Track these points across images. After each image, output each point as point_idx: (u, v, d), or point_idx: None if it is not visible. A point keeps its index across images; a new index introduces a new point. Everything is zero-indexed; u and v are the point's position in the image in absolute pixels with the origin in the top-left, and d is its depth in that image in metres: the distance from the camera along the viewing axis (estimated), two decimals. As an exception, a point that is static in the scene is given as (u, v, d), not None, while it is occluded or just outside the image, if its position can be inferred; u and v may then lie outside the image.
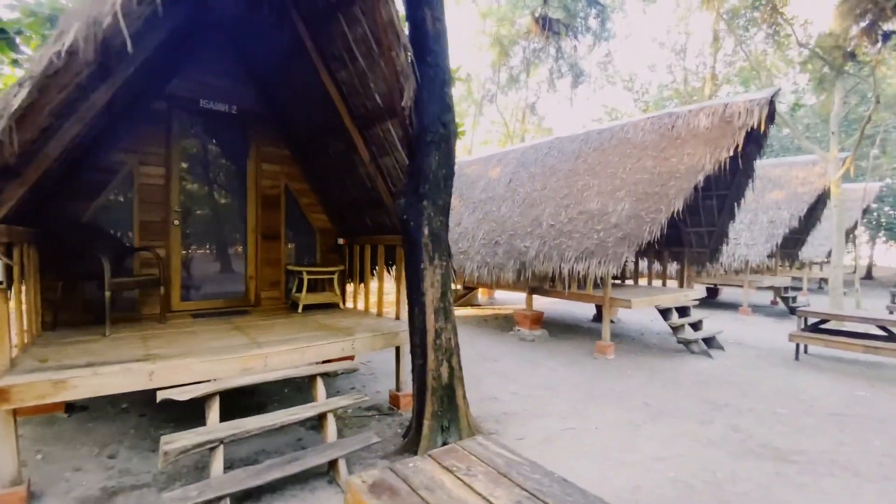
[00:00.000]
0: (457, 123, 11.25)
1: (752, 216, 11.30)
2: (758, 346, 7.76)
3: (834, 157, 10.15)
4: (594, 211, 7.22)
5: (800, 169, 11.47)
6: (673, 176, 6.58)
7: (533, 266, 7.46)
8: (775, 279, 11.74)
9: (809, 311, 6.70)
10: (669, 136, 7.11)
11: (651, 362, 6.54)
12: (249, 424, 2.78)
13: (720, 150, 6.28)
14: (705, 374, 5.99)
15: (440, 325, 3.35)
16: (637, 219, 6.53)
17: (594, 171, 7.87)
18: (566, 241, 7.19)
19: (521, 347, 7.33)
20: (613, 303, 6.92)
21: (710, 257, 8.49)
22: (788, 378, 5.83)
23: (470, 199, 10.34)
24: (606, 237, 6.68)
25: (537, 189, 8.70)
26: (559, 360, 6.60)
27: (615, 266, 6.31)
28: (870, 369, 6.34)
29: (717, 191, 7.89)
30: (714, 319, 10.37)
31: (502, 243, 8.38)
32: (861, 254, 30.91)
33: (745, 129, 6.24)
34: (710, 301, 13.74)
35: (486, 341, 7.73)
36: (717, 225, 8.10)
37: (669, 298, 7.34)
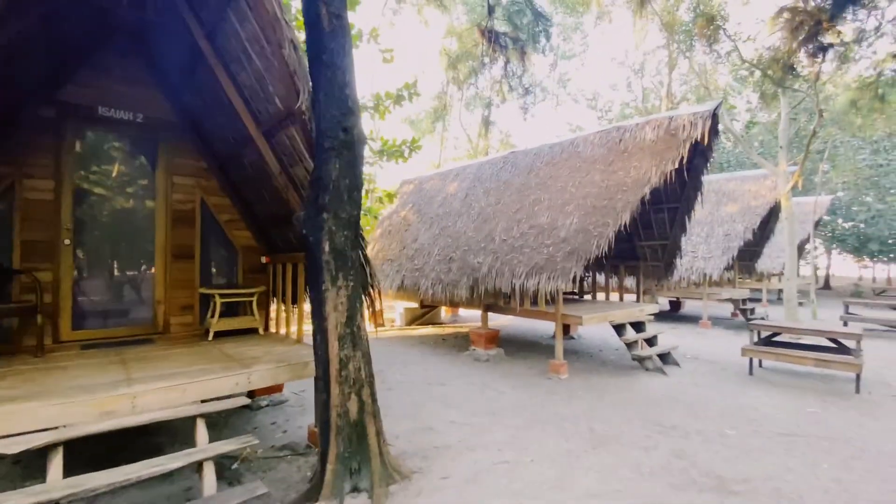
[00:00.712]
0: (413, 139, 10.97)
1: (709, 229, 11.38)
2: (714, 360, 7.63)
3: (783, 171, 10.36)
4: (544, 225, 7.02)
5: (752, 183, 11.68)
6: (620, 189, 6.45)
7: (486, 282, 7.19)
8: (734, 291, 11.81)
9: (761, 324, 6.61)
10: (617, 150, 7.02)
11: (604, 382, 6.28)
12: (96, 481, 2.33)
13: (666, 163, 6.19)
14: (657, 392, 5.76)
15: (346, 353, 2.98)
16: (585, 233, 6.35)
17: (545, 185, 7.71)
18: (517, 257, 6.95)
19: (474, 369, 6.98)
20: (565, 319, 6.68)
21: (664, 271, 8.39)
22: (740, 395, 5.66)
23: (427, 215, 10.07)
24: (555, 252, 6.47)
25: (491, 204, 8.49)
26: (510, 381, 6.27)
27: (563, 281, 6.09)
28: (822, 383, 6.24)
29: (668, 203, 7.83)
30: (673, 333, 10.29)
31: (456, 259, 8.10)
32: (819, 265, 32.07)
33: (690, 142, 6.18)
34: (672, 315, 13.75)
35: (438, 363, 7.34)
36: (670, 238, 8.03)
37: (623, 314, 7.15)
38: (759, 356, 6.36)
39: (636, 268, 8.67)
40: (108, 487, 2.34)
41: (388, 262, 9.82)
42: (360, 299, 3.09)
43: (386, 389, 5.79)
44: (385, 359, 7.58)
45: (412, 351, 8.26)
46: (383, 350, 8.29)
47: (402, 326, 11.09)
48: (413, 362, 7.35)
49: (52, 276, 3.94)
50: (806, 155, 9.23)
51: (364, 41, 10.09)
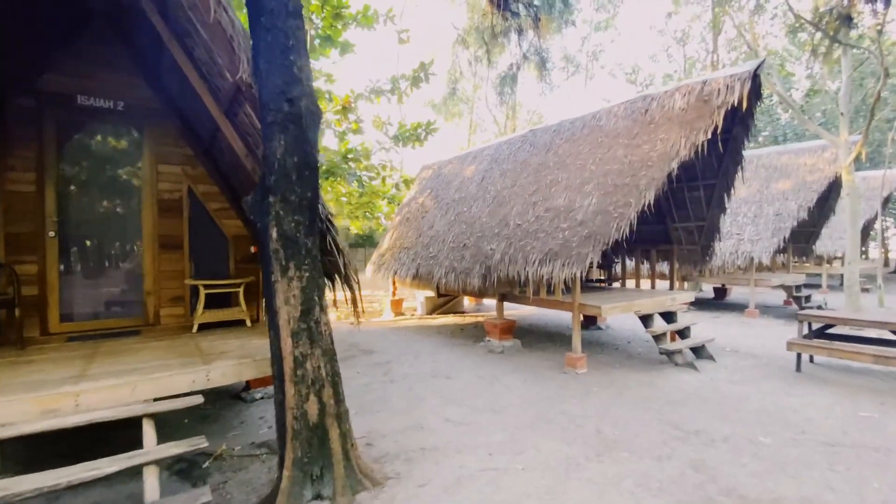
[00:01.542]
0: (428, 122, 10.60)
1: (757, 209, 10.33)
2: (757, 354, 6.87)
3: (844, 141, 9.17)
4: (560, 207, 6.49)
5: (808, 156, 10.46)
6: (645, 164, 5.81)
7: (498, 270, 6.78)
8: (787, 277, 10.71)
9: (811, 314, 5.82)
10: (642, 122, 6.34)
11: (626, 377, 5.75)
12: (22, 485, 2.18)
13: (697, 133, 5.49)
14: (684, 390, 5.18)
15: (301, 350, 2.71)
16: (604, 214, 5.78)
17: (564, 163, 7.13)
18: (531, 242, 6.48)
19: (486, 361, 6.62)
20: (583, 310, 6.16)
21: (701, 255, 7.63)
22: (782, 395, 4.98)
23: (444, 201, 9.70)
24: (571, 236, 5.96)
25: (507, 186, 8.00)
26: (522, 375, 5.87)
27: (579, 268, 5.58)
28: (883, 381, 5.43)
29: (703, 181, 7.06)
30: (714, 323, 9.46)
31: (470, 246, 7.71)
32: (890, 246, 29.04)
33: (725, 108, 5.44)
34: (716, 303, 12.74)
35: (450, 355, 7.03)
36: (707, 219, 7.25)
37: (651, 303, 6.53)
38: (806, 350, 5.61)
39: (670, 252, 7.94)
40: (35, 493, 2.19)
41: (404, 250, 9.57)
42: (318, 290, 2.80)
43: (388, 382, 5.55)
44: (397, 349, 7.35)
45: (426, 341, 7.99)
46: (397, 340, 8.08)
47: (422, 316, 10.85)
48: (424, 353, 7.08)
49: (37, 269, 3.93)
50: (870, 121, 8.07)
51: (381, 23, 9.75)
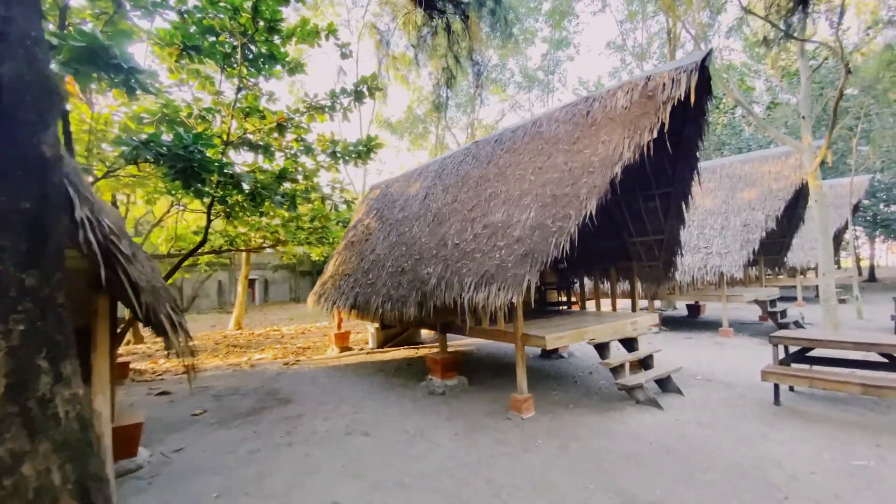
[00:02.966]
0: (369, 137, 9.79)
1: (724, 220, 9.73)
2: (731, 382, 6.04)
3: (808, 146, 8.67)
4: (498, 223, 5.67)
5: (772, 163, 9.98)
6: (586, 171, 5.05)
7: (434, 297, 5.87)
8: (760, 291, 10.06)
9: (787, 337, 5.02)
10: (584, 125, 5.63)
11: (577, 422, 4.82)
12: None
13: (641, 133, 4.76)
14: (643, 439, 4.27)
15: (12, 447, 1.72)
16: (542, 229, 4.96)
17: (504, 175, 6.36)
18: (468, 264, 5.61)
19: (420, 407, 5.62)
20: (526, 341, 5.26)
21: (663, 271, 6.86)
22: (759, 440, 4.11)
23: (388, 221, 8.84)
24: (507, 256, 5.11)
25: (448, 203, 7.18)
26: (455, 425, 4.89)
27: (515, 293, 4.71)
28: (874, 413, 4.62)
29: (658, 189, 6.35)
30: (686, 345, 8.66)
31: (407, 271, 6.81)
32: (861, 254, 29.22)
33: (672, 103, 4.74)
34: (691, 321, 12.01)
35: (381, 401, 6.01)
36: (666, 232, 6.52)
37: (607, 329, 5.67)
38: (784, 380, 4.79)
39: (629, 270, 7.16)
40: None
41: (345, 277, 8.62)
42: (52, 350, 1.84)
43: (285, 446, 4.50)
44: (320, 396, 6.30)
45: (361, 383, 6.95)
46: (327, 384, 7.01)
47: (371, 350, 9.80)
48: (351, 400, 6.04)
49: None
50: (834, 121, 7.57)
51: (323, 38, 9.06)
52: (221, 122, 8.82)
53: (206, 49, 7.45)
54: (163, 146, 5.60)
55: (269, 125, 9.17)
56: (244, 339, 12.24)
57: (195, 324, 17.13)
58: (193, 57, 7.63)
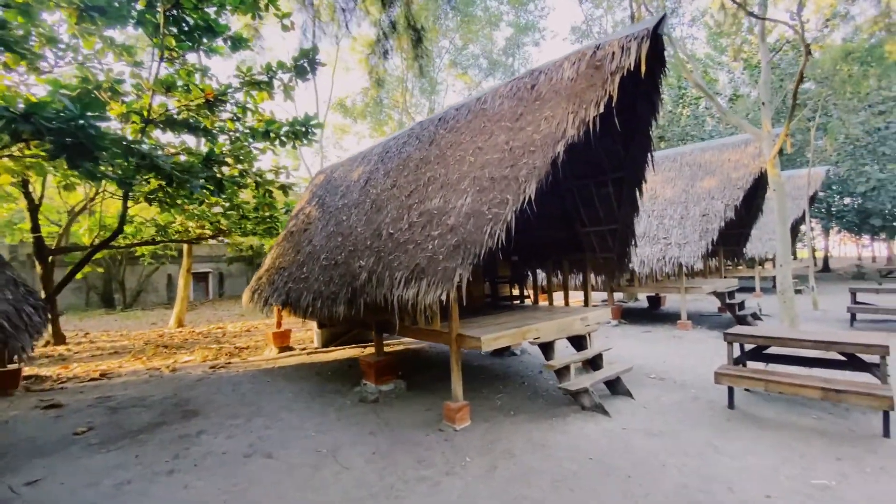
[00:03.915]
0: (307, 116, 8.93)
1: (683, 210, 9.41)
2: (685, 382, 5.64)
3: (767, 133, 8.38)
4: (434, 210, 5.04)
5: (732, 151, 9.72)
6: (527, 151, 4.46)
7: (365, 294, 5.20)
8: (718, 282, 9.83)
9: (741, 335, 4.61)
10: (528, 100, 5.03)
11: (515, 432, 4.28)
12: None
13: (587, 107, 4.20)
14: (584, 453, 3.75)
15: None
16: (477, 217, 4.36)
17: (444, 156, 5.72)
18: (400, 257, 4.97)
19: (343, 419, 4.97)
20: (462, 343, 4.67)
21: (618, 263, 6.40)
22: (710, 453, 3.65)
23: (328, 209, 8.08)
24: (440, 247, 4.49)
25: (387, 188, 6.50)
26: (377, 441, 4.27)
27: (445, 288, 4.10)
28: (834, 417, 4.26)
29: (612, 174, 5.84)
30: (644, 340, 8.30)
31: (340, 264, 6.12)
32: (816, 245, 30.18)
33: (621, 74, 4.18)
34: (651, 313, 11.77)
35: (306, 409, 5.33)
36: (620, 221, 6.03)
37: (552, 327, 5.15)
38: (738, 383, 4.37)
39: (581, 262, 6.66)
40: None
41: (280, 271, 7.84)
42: None
43: (165, 474, 3.76)
44: (235, 407, 5.56)
45: (288, 390, 6.24)
46: (249, 391, 6.27)
47: (315, 350, 9.06)
48: (267, 411, 5.33)
49: None
50: (794, 105, 7.25)
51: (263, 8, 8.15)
52: (141, 98, 7.85)
53: (112, 12, 6.50)
54: (49, 120, 4.68)
55: (197, 101, 8.21)
56: (180, 339, 11.26)
57: (134, 321, 15.92)
58: (97, 20, 6.65)
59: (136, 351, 9.66)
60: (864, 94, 12.57)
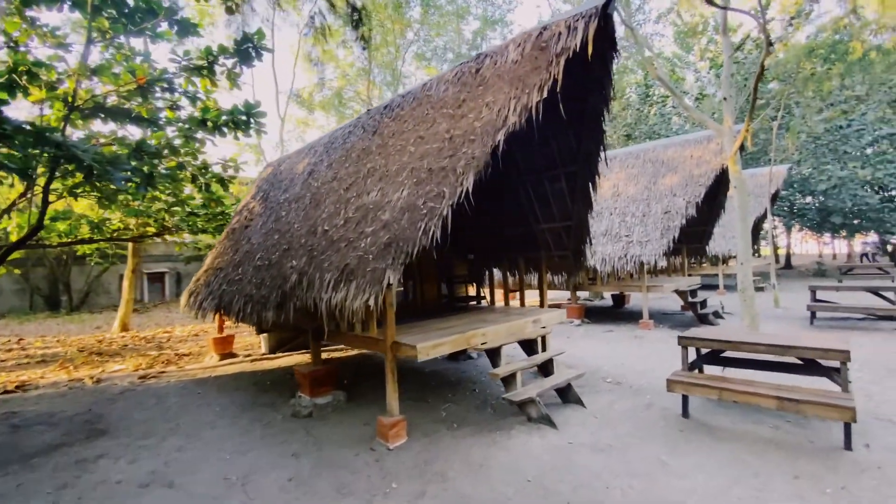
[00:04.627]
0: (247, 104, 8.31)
1: (645, 207, 9.21)
2: (641, 387, 5.36)
3: (728, 129, 8.22)
4: (370, 205, 4.58)
5: (694, 147, 9.58)
6: (467, 139, 4.05)
7: (295, 297, 4.70)
8: (680, 281, 9.70)
9: (695, 338, 4.32)
10: (472, 85, 4.63)
11: (454, 449, 3.88)
12: None
13: (530, 92, 3.81)
14: (523, 474, 3.38)
15: None
16: (412, 211, 3.93)
17: (386, 146, 5.27)
18: (332, 256, 4.49)
19: (270, 436, 4.48)
20: (397, 350, 4.23)
21: (573, 262, 6.07)
22: (658, 471, 3.33)
23: (271, 204, 7.51)
24: (371, 245, 4.03)
25: (328, 181, 6.01)
26: (300, 463, 3.80)
27: (373, 292, 3.65)
28: (792, 428, 4.01)
29: (564, 168, 5.50)
30: (605, 340, 8.04)
31: (274, 264, 5.59)
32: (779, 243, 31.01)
33: (567, 56, 3.81)
34: (615, 311, 11.61)
35: (231, 425, 4.81)
36: (574, 217, 5.70)
37: (500, 331, 4.77)
38: (692, 391, 4.08)
39: (537, 260, 6.32)
40: None
41: (217, 272, 7.23)
42: None
43: (34, 513, 3.21)
44: (152, 423, 4.99)
45: (217, 402, 5.68)
46: (174, 403, 5.69)
47: (261, 356, 8.47)
48: (185, 429, 4.78)
49: None
50: (754, 99, 7.09)
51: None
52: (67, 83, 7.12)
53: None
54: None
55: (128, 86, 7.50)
56: (119, 345, 10.46)
57: (78, 325, 14.89)
58: (21, 0, 6.01)
59: (65, 359, 8.86)
60: (826, 92, 12.70)
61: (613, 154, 10.82)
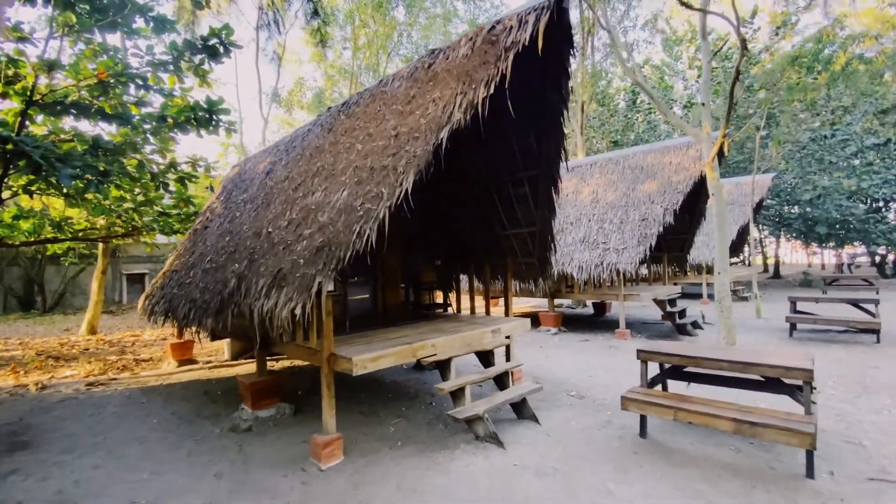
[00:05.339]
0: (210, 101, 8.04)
1: (623, 214, 8.99)
2: (604, 401, 5.08)
3: (707, 135, 8.02)
4: (313, 205, 4.31)
5: (674, 154, 9.38)
6: (412, 137, 3.78)
7: (233, 304, 4.40)
8: (659, 290, 9.46)
9: (654, 353, 4.06)
10: (423, 80, 4.38)
11: (389, 472, 3.58)
12: None
13: (476, 87, 3.56)
14: (461, 499, 3.08)
15: None
16: (349, 213, 3.66)
17: (337, 144, 5.00)
18: (269, 260, 4.20)
19: (198, 453, 4.16)
20: (335, 363, 3.93)
21: (539, 269, 5.81)
22: (604, 499, 3.05)
23: (231, 204, 7.21)
24: (304, 249, 3.75)
25: (280, 180, 5.73)
26: (219, 487, 3.49)
27: (301, 300, 3.38)
28: (754, 450, 3.74)
29: (526, 171, 5.25)
30: (579, 350, 7.78)
31: (219, 268, 5.28)
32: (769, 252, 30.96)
33: (516, 49, 3.56)
34: (594, 319, 11.35)
35: (161, 440, 4.49)
36: (538, 223, 5.44)
37: (453, 342, 4.49)
38: (647, 410, 3.81)
39: (503, 266, 6.05)
40: None
41: (171, 275, 6.91)
42: None
43: None
44: (79, 437, 4.65)
45: (157, 414, 5.35)
46: (113, 414, 5.35)
47: (221, 363, 8.13)
48: (110, 444, 4.46)
49: None
50: (731, 105, 6.90)
51: None
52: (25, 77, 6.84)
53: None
54: None
55: (87, 81, 7.20)
56: (80, 349, 10.07)
57: (48, 326, 14.46)
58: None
59: (20, 363, 8.47)
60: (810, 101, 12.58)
61: (594, 160, 10.62)
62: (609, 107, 19.32)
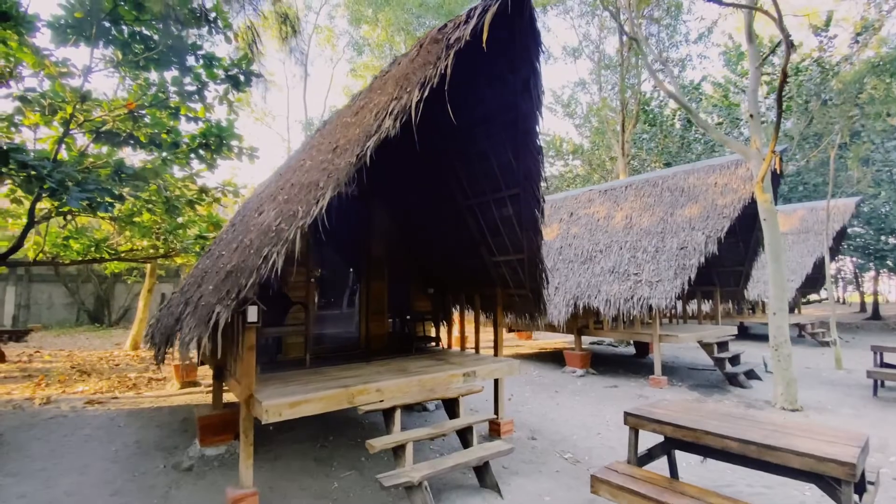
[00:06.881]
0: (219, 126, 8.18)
1: (659, 241, 7.91)
2: (593, 465, 4.14)
3: (756, 151, 6.91)
4: (253, 226, 3.96)
5: (719, 174, 8.18)
6: (344, 150, 3.33)
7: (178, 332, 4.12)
8: (706, 330, 8.16)
9: (642, 417, 3.17)
10: (376, 87, 3.95)
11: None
12: None
13: (411, 90, 3.05)
14: None
15: None
16: (266, 234, 3.24)
17: (303, 160, 4.68)
18: (205, 287, 3.90)
19: (121, 493, 3.82)
20: (251, 406, 3.45)
21: (534, 302, 5.04)
22: None
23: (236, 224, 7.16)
24: (215, 276, 3.38)
25: (262, 201, 5.50)
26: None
27: (195, 335, 2.98)
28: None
29: (507, 190, 4.58)
30: (600, 399, 6.73)
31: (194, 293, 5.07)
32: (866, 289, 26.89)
33: (458, 46, 3.04)
34: (633, 361, 10.07)
35: (105, 470, 4.24)
36: (525, 249, 4.72)
37: (405, 387, 3.86)
38: (619, 497, 2.91)
39: (493, 297, 5.34)
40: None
41: (171, 300, 6.89)
42: None
43: None
44: (37, 457, 4.52)
45: (120, 440, 5.16)
46: (82, 437, 5.23)
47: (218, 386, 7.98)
48: (56, 469, 4.26)
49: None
50: (780, 113, 5.82)
51: None
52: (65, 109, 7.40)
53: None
54: None
55: (118, 111, 7.62)
56: (114, 363, 10.51)
57: (105, 339, 15.51)
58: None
59: (49, 375, 8.90)
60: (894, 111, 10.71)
61: (629, 181, 9.60)
62: (662, 127, 17.94)
